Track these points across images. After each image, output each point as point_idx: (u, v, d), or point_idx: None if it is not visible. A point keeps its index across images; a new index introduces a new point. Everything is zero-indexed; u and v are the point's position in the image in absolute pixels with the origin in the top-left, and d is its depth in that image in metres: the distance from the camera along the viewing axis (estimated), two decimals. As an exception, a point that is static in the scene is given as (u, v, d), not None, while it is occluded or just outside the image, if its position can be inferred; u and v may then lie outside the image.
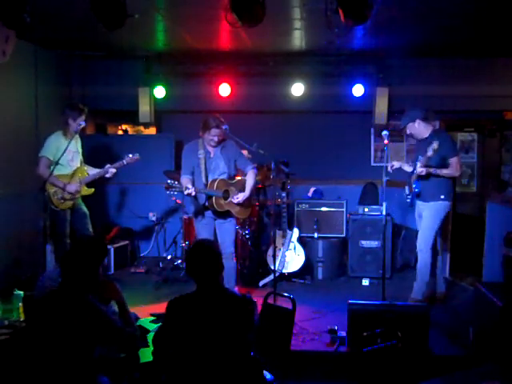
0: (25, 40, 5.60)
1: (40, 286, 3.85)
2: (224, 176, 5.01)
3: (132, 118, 7.34)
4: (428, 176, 5.02)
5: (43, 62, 6.27)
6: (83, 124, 5.37)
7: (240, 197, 5.00)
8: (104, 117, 5.61)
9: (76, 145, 5.51)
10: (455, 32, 5.62)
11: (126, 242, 6.87)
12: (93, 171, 5.58)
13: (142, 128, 7.93)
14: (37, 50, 6.11)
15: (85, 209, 5.55)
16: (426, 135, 5.16)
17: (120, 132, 8.23)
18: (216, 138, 4.90)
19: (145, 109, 7.08)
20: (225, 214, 5.04)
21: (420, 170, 4.93)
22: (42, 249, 5.31)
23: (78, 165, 5.50)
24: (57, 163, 5.24)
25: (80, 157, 5.56)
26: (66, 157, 5.29)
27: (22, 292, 4.50)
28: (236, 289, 5.10)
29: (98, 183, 5.69)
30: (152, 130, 7.73)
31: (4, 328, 4.29)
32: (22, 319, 4.37)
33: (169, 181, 4.83)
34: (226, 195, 5.01)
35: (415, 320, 3.96)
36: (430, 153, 4.78)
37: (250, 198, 5.18)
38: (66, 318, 2.66)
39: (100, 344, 2.80)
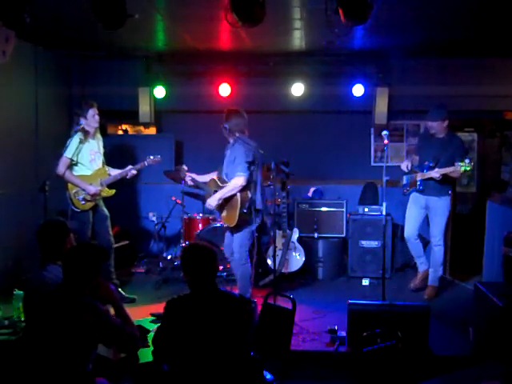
0: (25, 40, 5.61)
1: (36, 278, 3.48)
2: (224, 176, 4.93)
3: (132, 117, 7.33)
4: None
5: (43, 61, 6.28)
6: (97, 119, 5.24)
7: (210, 201, 4.82)
8: (104, 117, 5.58)
9: (98, 145, 5.38)
10: (455, 32, 5.61)
11: (126, 242, 6.87)
12: (114, 172, 5.44)
13: (142, 128, 7.92)
14: (37, 50, 6.12)
15: (106, 211, 5.38)
16: (443, 135, 5.47)
17: (120, 132, 8.21)
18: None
19: (145, 109, 7.08)
20: None
21: (437, 175, 5.24)
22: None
23: (100, 166, 5.36)
24: (77, 163, 5.19)
25: (102, 158, 5.41)
26: (87, 157, 5.24)
27: (21, 292, 4.49)
28: (237, 291, 5.06)
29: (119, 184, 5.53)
30: (152, 130, 7.72)
31: (4, 328, 4.30)
32: (22, 319, 4.36)
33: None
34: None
35: (415, 320, 3.97)
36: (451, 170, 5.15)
37: (234, 208, 4.76)
38: (66, 317, 2.66)
39: (100, 344, 2.80)
